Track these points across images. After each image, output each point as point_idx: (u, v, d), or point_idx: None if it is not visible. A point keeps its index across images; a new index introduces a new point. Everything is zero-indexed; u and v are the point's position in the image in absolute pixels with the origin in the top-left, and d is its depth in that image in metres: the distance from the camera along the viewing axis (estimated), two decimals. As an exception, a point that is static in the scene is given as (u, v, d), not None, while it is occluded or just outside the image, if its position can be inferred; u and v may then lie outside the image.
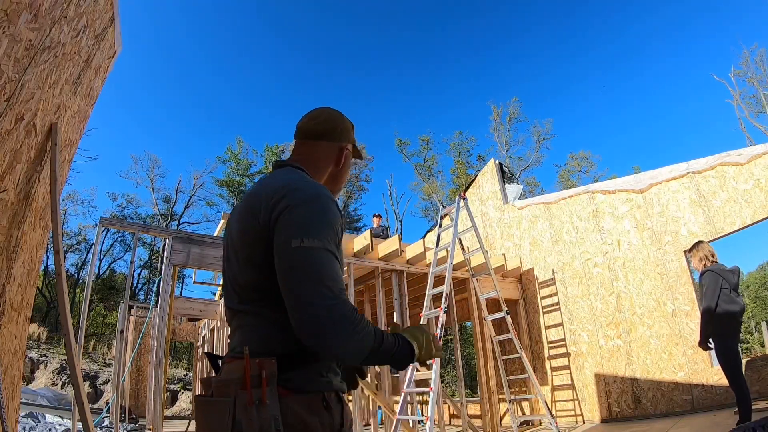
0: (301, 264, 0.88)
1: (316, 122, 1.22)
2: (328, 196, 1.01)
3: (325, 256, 0.91)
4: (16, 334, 2.57)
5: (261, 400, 0.85)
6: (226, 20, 48.42)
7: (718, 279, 3.78)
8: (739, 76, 26.40)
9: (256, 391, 0.86)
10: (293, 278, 0.88)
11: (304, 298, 0.86)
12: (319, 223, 0.94)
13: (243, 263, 0.99)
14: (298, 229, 0.92)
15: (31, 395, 10.35)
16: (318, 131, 1.21)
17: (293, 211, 0.94)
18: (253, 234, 0.98)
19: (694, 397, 5.33)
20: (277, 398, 0.86)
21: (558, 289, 7.26)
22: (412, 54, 52.94)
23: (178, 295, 10.81)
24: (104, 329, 22.82)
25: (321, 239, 0.92)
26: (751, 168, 5.16)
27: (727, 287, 3.75)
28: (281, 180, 1.03)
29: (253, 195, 1.05)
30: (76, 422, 4.66)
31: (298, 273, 0.88)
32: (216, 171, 31.49)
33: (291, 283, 0.88)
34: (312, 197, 0.97)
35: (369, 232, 5.94)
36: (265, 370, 0.87)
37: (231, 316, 1.05)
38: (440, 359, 4.79)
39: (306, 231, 0.91)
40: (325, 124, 1.22)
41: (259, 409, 0.85)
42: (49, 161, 2.58)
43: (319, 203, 0.97)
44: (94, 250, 5.74)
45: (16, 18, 1.90)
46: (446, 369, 20.71)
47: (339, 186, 1.29)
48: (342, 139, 1.24)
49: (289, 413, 0.86)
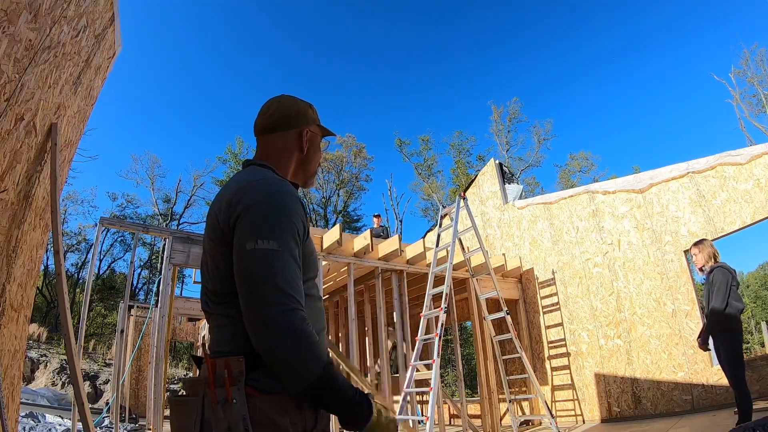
0: (253, 267, 0.87)
1: (268, 115, 1.18)
2: (286, 192, 0.97)
3: (280, 257, 0.88)
4: (16, 334, 2.57)
5: (227, 399, 0.84)
6: (227, 17, 48.45)
7: (727, 276, 3.74)
8: (739, 76, 26.40)
9: (221, 390, 0.85)
10: (246, 282, 0.87)
11: (254, 303, 0.85)
12: (275, 222, 0.91)
13: (212, 269, 0.98)
14: (252, 230, 0.89)
15: (31, 395, 10.35)
16: (271, 123, 1.17)
17: (249, 213, 0.92)
18: (216, 240, 0.96)
19: (694, 397, 5.33)
20: (245, 398, 0.84)
21: (558, 289, 7.26)
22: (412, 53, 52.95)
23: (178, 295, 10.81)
24: (104, 329, 22.83)
25: (276, 239, 0.89)
26: (751, 168, 5.16)
27: (736, 285, 3.74)
28: (241, 182, 1.00)
29: (215, 200, 1.03)
30: (76, 422, 4.66)
31: (251, 277, 0.86)
32: (216, 171, 31.54)
33: (244, 286, 0.87)
34: (267, 196, 0.94)
35: (369, 232, 5.94)
36: (229, 369, 0.86)
37: (207, 318, 1.04)
38: (440, 359, 4.80)
39: (260, 232, 0.89)
40: (277, 114, 1.17)
41: (225, 408, 0.83)
42: (49, 161, 2.58)
43: (274, 201, 0.94)
44: (94, 250, 5.74)
45: (16, 18, 1.90)
46: (446, 369, 20.71)
47: (310, 171, 1.23)
48: (299, 123, 1.18)
49: (258, 413, 0.84)
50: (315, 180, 1.27)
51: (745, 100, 26.02)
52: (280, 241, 0.90)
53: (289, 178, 1.18)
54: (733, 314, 3.69)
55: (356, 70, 51.87)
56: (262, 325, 0.83)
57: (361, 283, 6.78)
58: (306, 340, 0.84)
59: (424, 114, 53.85)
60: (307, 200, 29.67)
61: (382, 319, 6.03)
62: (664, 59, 47.94)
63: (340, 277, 6.81)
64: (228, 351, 0.91)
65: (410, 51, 52.51)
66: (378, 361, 6.95)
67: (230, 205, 0.95)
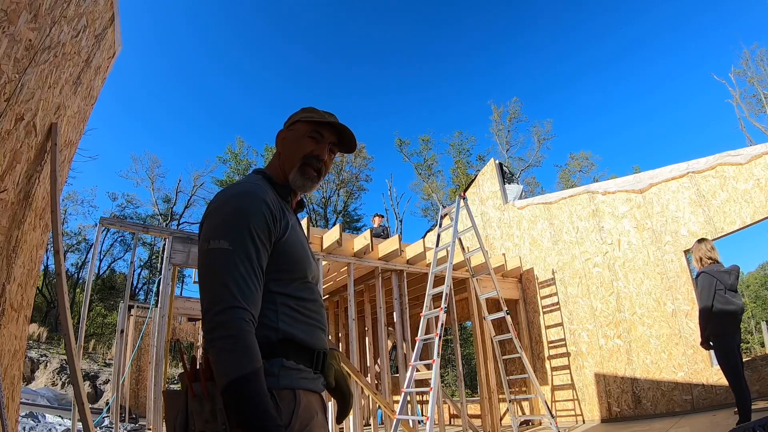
0: (206, 266, 0.92)
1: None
2: (246, 193, 1.00)
3: (230, 256, 0.90)
4: (16, 334, 2.57)
5: (203, 394, 0.86)
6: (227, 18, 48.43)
7: (712, 281, 3.84)
8: (739, 76, 26.39)
9: (197, 384, 0.88)
10: (201, 278, 0.92)
11: (203, 298, 0.90)
12: (228, 223, 0.94)
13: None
14: (209, 231, 0.95)
15: (31, 395, 10.35)
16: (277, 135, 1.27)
17: (209, 217, 0.98)
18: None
19: (694, 397, 5.33)
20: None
21: (558, 288, 7.26)
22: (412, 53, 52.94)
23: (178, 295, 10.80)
24: (104, 329, 22.82)
25: (228, 239, 0.92)
26: (751, 168, 5.16)
27: (722, 288, 3.79)
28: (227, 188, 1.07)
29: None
30: (76, 422, 4.65)
31: (203, 275, 0.92)
32: (216, 171, 31.51)
33: (200, 283, 0.92)
34: (225, 200, 0.99)
35: (369, 232, 5.94)
36: (207, 365, 0.88)
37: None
38: (440, 359, 4.80)
39: (214, 233, 0.93)
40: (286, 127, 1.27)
41: (202, 401, 0.86)
42: (49, 161, 2.58)
43: (232, 203, 0.97)
44: (94, 250, 5.74)
45: (16, 18, 1.90)
46: (446, 369, 20.71)
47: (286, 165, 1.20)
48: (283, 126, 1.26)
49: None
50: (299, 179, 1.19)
51: (745, 100, 26.02)
52: (232, 241, 0.92)
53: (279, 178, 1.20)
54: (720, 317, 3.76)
55: (356, 70, 51.89)
56: (205, 320, 0.87)
57: (361, 283, 6.78)
58: (232, 341, 0.84)
59: (424, 114, 53.87)
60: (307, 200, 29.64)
61: (382, 319, 6.02)
62: (664, 59, 47.97)
63: (340, 277, 6.81)
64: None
65: (410, 51, 52.52)
66: (378, 361, 6.96)
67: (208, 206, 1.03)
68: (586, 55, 51.29)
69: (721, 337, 3.77)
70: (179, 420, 0.89)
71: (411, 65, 53.01)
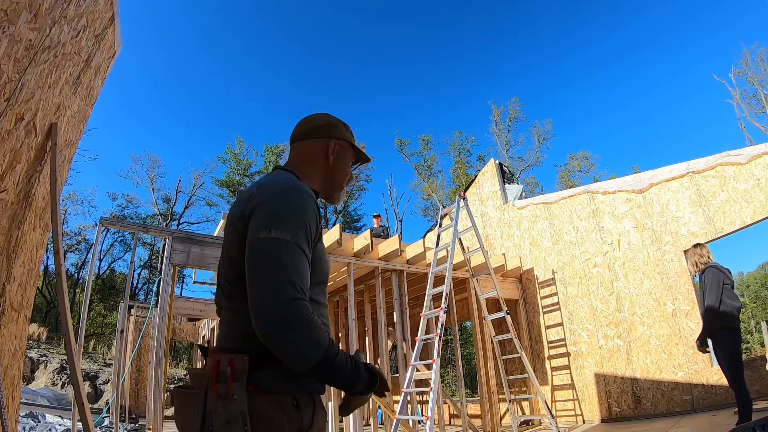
0: (266, 254, 0.89)
1: (300, 125, 1.24)
2: (302, 190, 1.00)
3: (292, 249, 0.91)
4: (16, 334, 2.57)
5: (227, 394, 0.86)
6: (227, 18, 48.44)
7: (719, 275, 3.79)
8: (739, 76, 26.39)
9: (222, 385, 0.88)
10: (257, 267, 0.89)
11: (265, 288, 0.86)
12: (289, 214, 0.94)
13: (229, 262, 1.01)
14: (267, 219, 0.93)
15: (31, 395, 10.35)
16: (304, 131, 1.22)
17: (264, 204, 0.95)
18: (232, 230, 1.01)
19: (694, 397, 5.33)
20: (246, 395, 0.87)
21: (558, 289, 7.26)
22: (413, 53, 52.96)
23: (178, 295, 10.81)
24: (104, 329, 22.82)
25: (290, 231, 0.92)
26: (751, 168, 5.16)
27: (729, 283, 3.76)
28: (262, 180, 1.06)
29: (237, 198, 1.08)
30: (76, 422, 4.65)
31: (263, 263, 0.89)
32: (216, 171, 31.52)
33: (254, 271, 0.89)
34: (283, 191, 0.98)
35: (369, 231, 5.94)
36: (233, 366, 0.88)
37: (218, 312, 1.07)
38: (440, 359, 4.81)
39: (275, 222, 0.92)
40: (309, 125, 1.23)
41: (226, 403, 0.86)
42: (49, 161, 2.58)
43: (290, 195, 0.97)
44: (94, 250, 5.74)
45: (16, 18, 1.90)
46: (446, 369, 20.71)
47: (336, 183, 1.24)
48: (330, 134, 1.21)
49: (257, 410, 0.87)
50: (340, 196, 1.26)
51: (745, 100, 26.02)
52: (293, 234, 0.92)
53: (313, 186, 1.19)
54: (728, 312, 3.71)
55: (356, 69, 51.90)
56: (268, 312, 0.85)
57: (361, 283, 6.78)
58: (308, 328, 0.86)
59: (424, 114, 53.90)
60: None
61: (382, 319, 6.02)
62: (664, 59, 48.00)
63: (340, 277, 6.81)
64: (234, 348, 0.94)
65: (410, 51, 52.53)
66: (378, 361, 6.95)
67: (249, 198, 0.99)
68: (586, 55, 51.34)
69: (731, 333, 3.70)
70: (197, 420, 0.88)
71: (411, 65, 53.05)
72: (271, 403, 0.89)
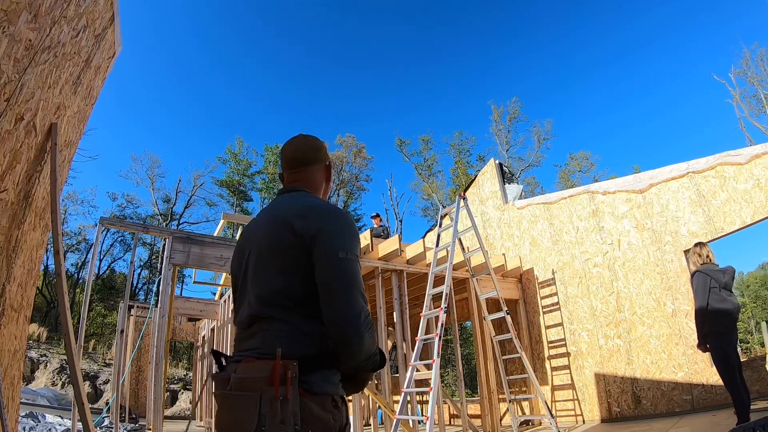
0: (345, 273, 1.07)
1: (304, 151, 1.39)
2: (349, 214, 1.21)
3: (359, 267, 1.12)
4: (16, 334, 2.57)
5: (285, 397, 0.97)
6: (226, 18, 48.44)
7: (706, 279, 3.87)
8: (739, 76, 26.39)
9: (282, 388, 0.98)
10: (339, 283, 1.06)
11: (347, 301, 1.05)
12: (353, 239, 1.14)
13: (274, 272, 1.12)
14: (341, 242, 1.10)
15: (31, 395, 10.34)
16: (308, 158, 1.38)
17: (333, 226, 1.12)
18: (287, 244, 1.12)
19: (694, 397, 5.33)
20: (299, 397, 0.98)
21: (558, 289, 7.26)
22: (413, 53, 52.96)
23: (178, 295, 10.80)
24: (104, 329, 22.79)
25: (356, 253, 1.12)
26: (751, 168, 5.15)
27: (716, 286, 3.81)
28: (305, 200, 1.22)
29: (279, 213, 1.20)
30: (76, 422, 4.65)
31: (343, 280, 1.07)
32: (216, 171, 31.51)
33: (336, 287, 1.06)
34: (342, 216, 1.18)
35: (369, 231, 5.94)
36: (290, 371, 0.99)
37: (250, 322, 1.15)
38: (440, 359, 4.81)
39: (348, 245, 1.11)
40: (313, 151, 1.40)
41: (282, 404, 0.96)
42: (49, 161, 2.58)
43: (348, 221, 1.18)
44: (94, 250, 5.74)
45: (16, 18, 1.90)
46: (446, 369, 20.71)
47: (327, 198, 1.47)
48: (325, 158, 1.43)
49: (307, 410, 0.99)
50: None
51: (745, 100, 26.02)
52: (357, 254, 1.12)
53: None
54: (714, 316, 3.78)
55: (356, 70, 51.90)
56: (351, 320, 1.04)
57: (361, 283, 6.76)
58: (373, 331, 1.10)
59: (424, 114, 53.92)
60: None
61: (382, 319, 6.02)
62: (664, 59, 48.00)
63: (340, 277, 6.79)
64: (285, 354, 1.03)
65: (410, 51, 52.53)
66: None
67: (305, 218, 1.13)
68: (586, 55, 51.35)
69: (720, 336, 3.77)
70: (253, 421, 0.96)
71: (411, 65, 53.06)
72: (318, 404, 1.02)
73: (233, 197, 30.86)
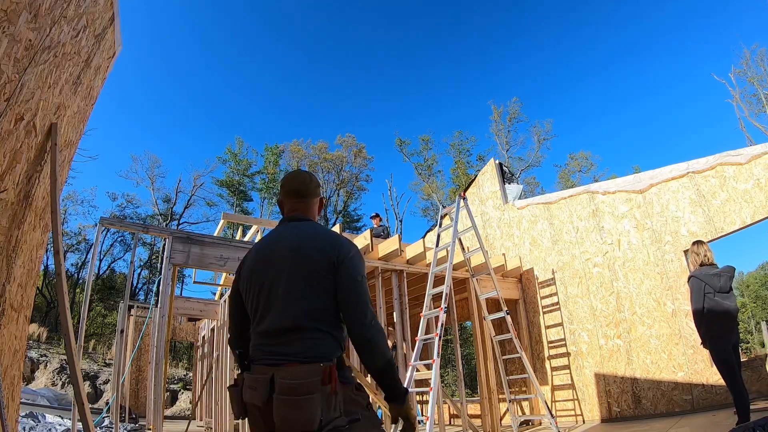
0: (362, 292, 1.44)
1: (308, 185, 1.67)
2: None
3: (367, 287, 1.49)
4: (16, 334, 2.57)
5: (336, 391, 1.29)
6: (225, 20, 48.44)
7: (700, 284, 3.88)
8: (739, 76, 26.40)
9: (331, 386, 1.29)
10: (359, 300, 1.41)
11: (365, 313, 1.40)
12: (363, 264, 1.51)
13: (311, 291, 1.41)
14: (358, 269, 1.47)
15: (31, 395, 10.34)
16: (310, 192, 1.67)
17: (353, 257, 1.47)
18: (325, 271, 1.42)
19: (694, 397, 5.33)
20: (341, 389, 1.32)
21: (558, 288, 7.26)
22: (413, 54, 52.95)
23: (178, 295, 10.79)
24: (104, 329, 22.79)
25: (365, 275, 1.50)
26: (751, 168, 5.15)
27: (711, 291, 3.82)
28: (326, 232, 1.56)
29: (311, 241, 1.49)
30: (76, 422, 4.65)
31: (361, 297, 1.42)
32: (216, 171, 31.51)
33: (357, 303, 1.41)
34: (356, 247, 1.53)
35: (369, 232, 5.94)
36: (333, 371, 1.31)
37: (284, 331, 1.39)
38: (440, 359, 4.81)
39: (362, 270, 1.48)
40: (314, 186, 1.69)
41: (336, 397, 1.29)
42: (49, 161, 2.58)
43: (358, 250, 1.53)
44: (94, 250, 5.73)
45: (16, 18, 1.90)
46: (446, 369, 20.71)
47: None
48: (320, 193, 1.74)
49: (347, 396, 1.34)
50: None
51: (745, 100, 26.03)
52: (365, 275, 1.52)
53: None
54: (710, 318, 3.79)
55: (356, 70, 51.89)
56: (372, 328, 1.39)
57: (361, 283, 6.76)
58: (385, 336, 1.45)
59: (424, 114, 53.92)
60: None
61: (382, 319, 6.02)
62: (664, 60, 48.02)
63: (340, 277, 6.80)
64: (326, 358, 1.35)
65: (410, 51, 52.53)
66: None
67: (334, 247, 1.46)
68: (586, 56, 51.35)
69: (715, 339, 3.80)
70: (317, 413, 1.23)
71: (411, 66, 53.06)
72: (350, 389, 1.37)
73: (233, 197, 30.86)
